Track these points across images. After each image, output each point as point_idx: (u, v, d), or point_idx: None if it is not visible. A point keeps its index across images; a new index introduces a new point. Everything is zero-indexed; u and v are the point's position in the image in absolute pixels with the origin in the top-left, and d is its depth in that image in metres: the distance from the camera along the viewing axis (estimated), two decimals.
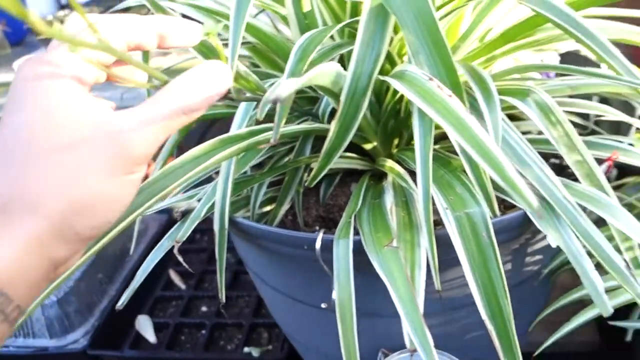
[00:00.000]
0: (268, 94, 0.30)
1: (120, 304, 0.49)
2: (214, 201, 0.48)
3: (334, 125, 0.42)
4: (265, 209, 0.56)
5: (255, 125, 0.45)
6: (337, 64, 0.39)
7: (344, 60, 0.52)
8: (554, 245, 0.39)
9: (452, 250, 0.38)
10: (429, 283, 0.39)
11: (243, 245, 0.57)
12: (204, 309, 0.89)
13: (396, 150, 0.54)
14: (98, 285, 0.88)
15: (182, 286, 0.94)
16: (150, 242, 1.00)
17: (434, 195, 0.40)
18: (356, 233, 0.43)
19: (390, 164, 0.49)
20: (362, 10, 0.40)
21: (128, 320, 0.86)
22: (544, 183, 0.40)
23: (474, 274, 0.38)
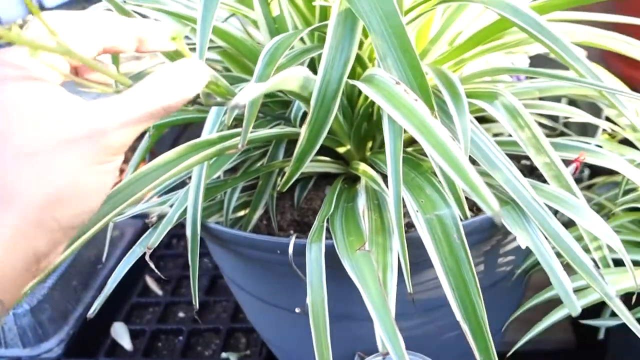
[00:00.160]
0: (233, 99, 0.30)
1: (92, 312, 0.48)
2: (186, 206, 0.47)
3: (304, 129, 0.42)
4: (240, 214, 0.56)
5: (227, 130, 0.45)
6: (305, 68, 0.39)
7: (316, 64, 0.52)
8: (523, 246, 0.40)
9: (425, 252, 0.38)
10: (403, 286, 0.39)
11: (218, 250, 0.57)
12: (181, 314, 0.88)
13: (369, 153, 0.54)
14: (72, 292, 0.87)
15: (159, 292, 0.93)
16: (126, 248, 0.98)
17: (405, 198, 0.41)
18: (329, 237, 0.43)
19: (363, 167, 0.49)
20: (331, 14, 0.40)
21: (104, 328, 0.85)
22: (513, 185, 0.40)
23: (447, 275, 0.38)
